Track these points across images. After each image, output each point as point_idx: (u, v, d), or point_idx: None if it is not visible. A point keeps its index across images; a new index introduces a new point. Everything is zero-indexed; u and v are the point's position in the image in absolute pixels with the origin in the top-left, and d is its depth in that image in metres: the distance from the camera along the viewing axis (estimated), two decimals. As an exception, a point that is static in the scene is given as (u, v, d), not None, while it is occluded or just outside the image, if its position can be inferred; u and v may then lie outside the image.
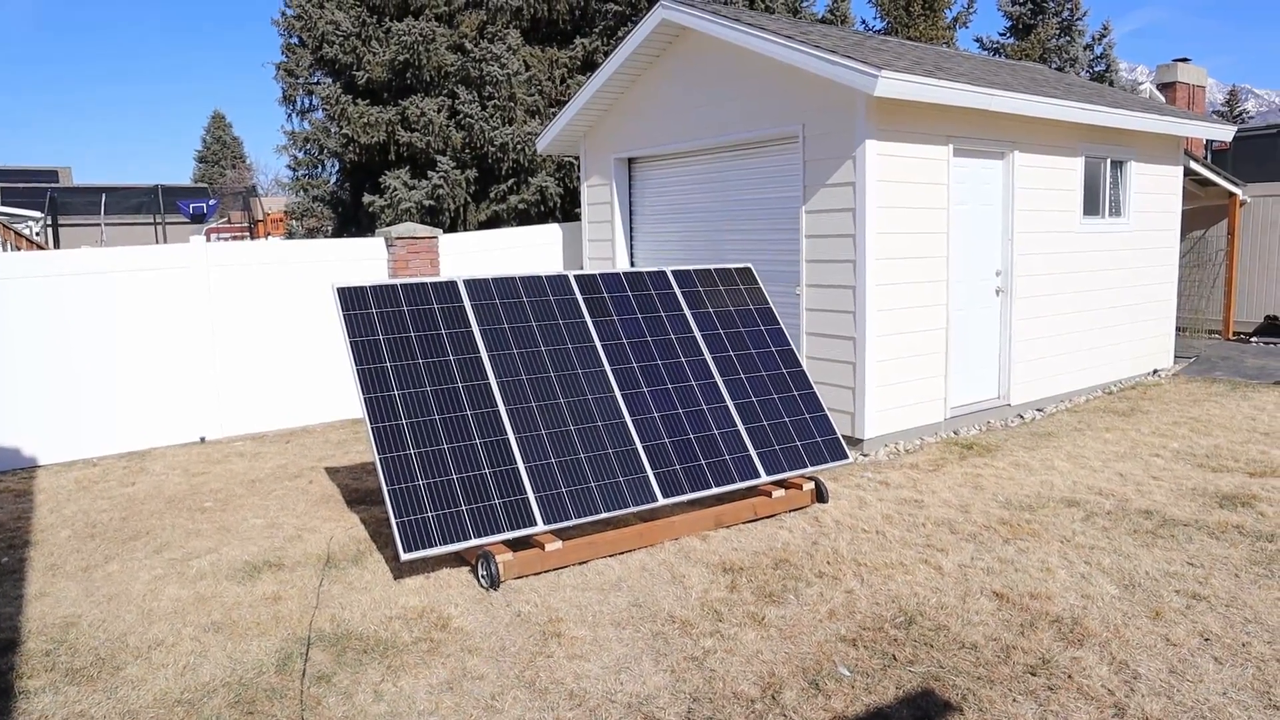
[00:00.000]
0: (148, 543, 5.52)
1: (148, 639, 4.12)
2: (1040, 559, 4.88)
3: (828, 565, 4.86)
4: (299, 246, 9.01)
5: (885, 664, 3.77)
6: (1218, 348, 11.86)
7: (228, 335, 8.47)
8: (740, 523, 5.57)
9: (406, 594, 4.57)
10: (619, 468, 5.19)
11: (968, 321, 8.00)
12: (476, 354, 5.27)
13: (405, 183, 14.12)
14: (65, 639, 4.15)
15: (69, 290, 7.72)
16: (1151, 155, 9.67)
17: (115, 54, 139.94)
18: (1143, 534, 5.24)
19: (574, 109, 9.78)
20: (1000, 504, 5.87)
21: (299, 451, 7.87)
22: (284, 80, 16.92)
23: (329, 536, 5.50)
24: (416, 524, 4.53)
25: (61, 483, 7.07)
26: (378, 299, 5.25)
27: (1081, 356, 9.14)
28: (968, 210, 7.85)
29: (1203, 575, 4.62)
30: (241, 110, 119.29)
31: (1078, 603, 4.32)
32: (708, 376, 5.90)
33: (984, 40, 20.73)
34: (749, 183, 8.31)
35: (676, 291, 6.26)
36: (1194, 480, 6.28)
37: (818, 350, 7.45)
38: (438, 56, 13.82)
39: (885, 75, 6.43)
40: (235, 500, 6.41)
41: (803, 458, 5.84)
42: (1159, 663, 3.73)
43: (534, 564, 4.76)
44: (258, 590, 4.69)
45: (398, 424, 4.82)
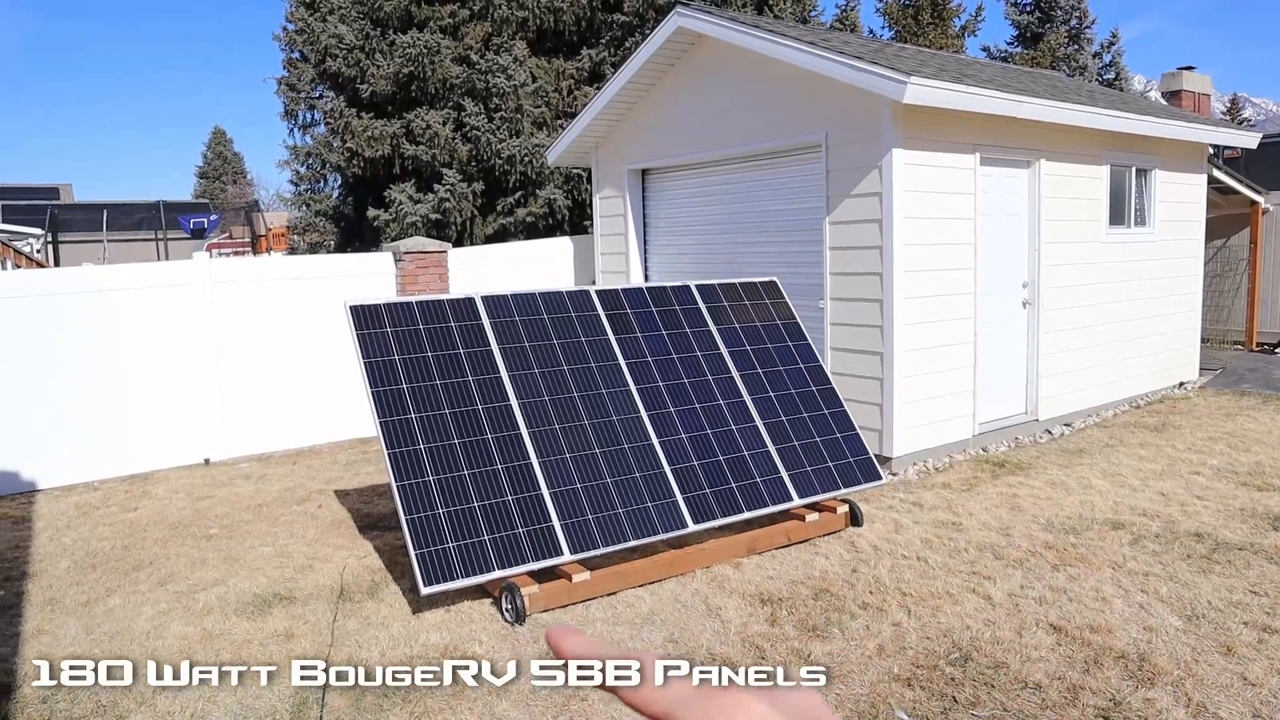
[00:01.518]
0: (151, 574, 5.26)
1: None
2: (1094, 587, 4.62)
3: (871, 595, 4.60)
4: (304, 262, 8.78)
5: (946, 706, 3.51)
6: (1243, 359, 11.62)
7: (232, 353, 8.23)
8: (773, 549, 5.31)
9: (427, 630, 4.31)
10: (647, 493, 4.94)
11: (995, 335, 7.75)
12: (497, 374, 5.03)
13: (411, 196, 13.91)
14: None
15: (70, 309, 7.48)
16: (1176, 163, 9.45)
17: (115, 70, 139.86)
18: (1197, 559, 4.99)
19: (585, 119, 9.57)
20: (1042, 526, 5.61)
21: (307, 473, 7.61)
22: (285, 95, 16.74)
23: (342, 566, 5.24)
24: (437, 555, 4.27)
25: (61, 508, 6.81)
26: (392, 317, 5.00)
27: (1108, 370, 8.90)
28: (994, 221, 7.62)
29: (1269, 605, 4.37)
30: (242, 126, 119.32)
31: (1141, 636, 4.07)
32: (736, 395, 5.66)
33: (991, 49, 20.57)
34: (768, 194, 8.09)
35: (701, 306, 6.02)
36: (1240, 500, 6.02)
37: (843, 366, 7.20)
38: (443, 69, 13.63)
39: (914, 81, 6.21)
40: (242, 526, 6.15)
41: (835, 479, 5.59)
42: (1240, 705, 3.47)
43: (561, 596, 4.50)
44: (268, 627, 4.43)
45: (415, 449, 4.57)
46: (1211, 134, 9.52)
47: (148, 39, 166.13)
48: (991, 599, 4.52)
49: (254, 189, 46.81)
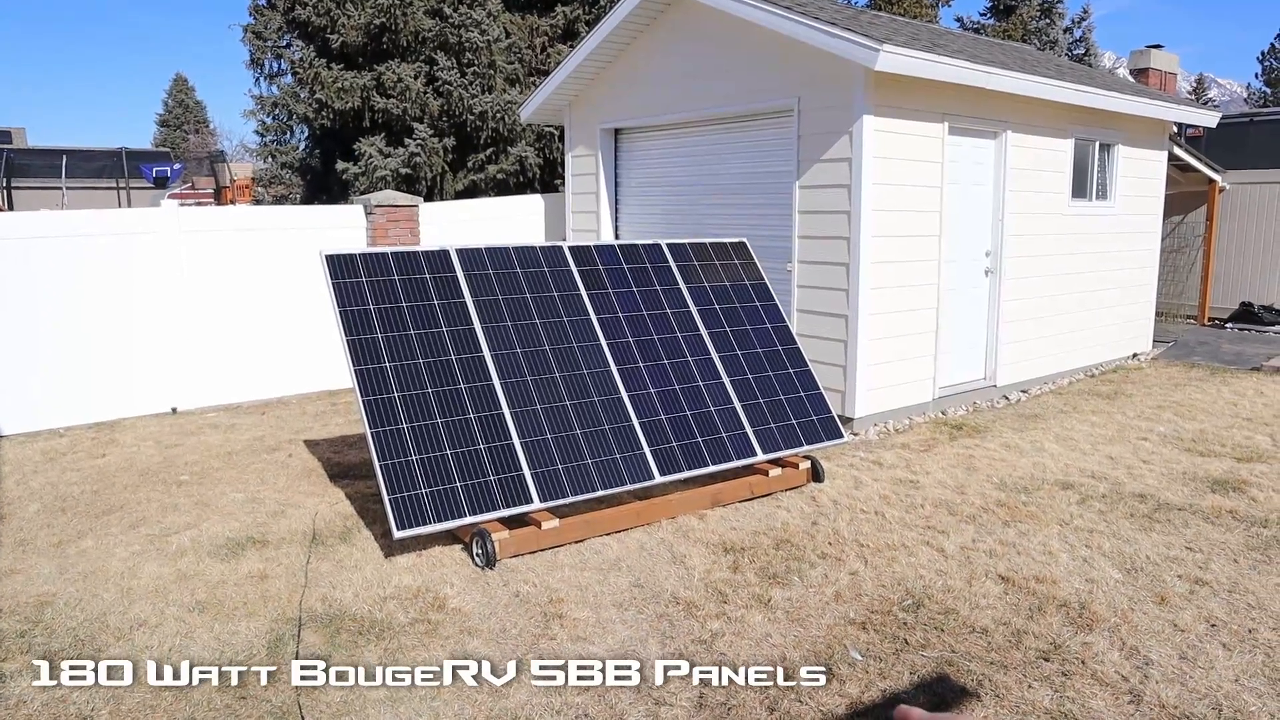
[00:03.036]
0: (122, 517, 5.30)
1: (129, 619, 3.94)
2: (1041, 542, 4.85)
3: (830, 546, 4.79)
4: (273, 212, 8.72)
5: (897, 648, 3.70)
6: (1194, 333, 11.98)
7: (200, 303, 8.19)
8: (737, 501, 5.47)
9: (399, 573, 4.42)
10: (615, 445, 5.06)
11: (957, 302, 7.95)
12: (470, 325, 5.10)
13: (381, 150, 13.78)
14: (40, 619, 3.95)
15: (34, 254, 7.39)
16: (1139, 139, 9.66)
17: (70, 13, 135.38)
18: (1139, 518, 5.23)
19: (560, 77, 9.55)
20: (995, 485, 5.83)
21: (276, 423, 7.64)
22: (252, 43, 16.38)
23: (314, 512, 5.32)
24: (410, 500, 4.37)
25: (27, 454, 6.79)
26: (368, 267, 5.05)
27: (1065, 339, 9.15)
28: (960, 190, 7.78)
29: (1203, 560, 4.61)
30: (205, 73, 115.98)
31: (1083, 587, 4.29)
32: (704, 352, 5.78)
33: (965, 20, 20.68)
34: (740, 156, 8.17)
35: (672, 265, 6.12)
36: (1183, 464, 6.29)
37: (809, 328, 7.36)
38: (415, 21, 13.45)
39: (887, 49, 6.31)
40: (212, 473, 6.19)
41: (799, 436, 5.76)
42: (1169, 649, 3.70)
43: (530, 542, 4.63)
44: (242, 568, 4.51)
45: (389, 397, 4.65)
46: (1173, 111, 9.73)
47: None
48: (944, 551, 4.72)
49: (217, 139, 45.80)
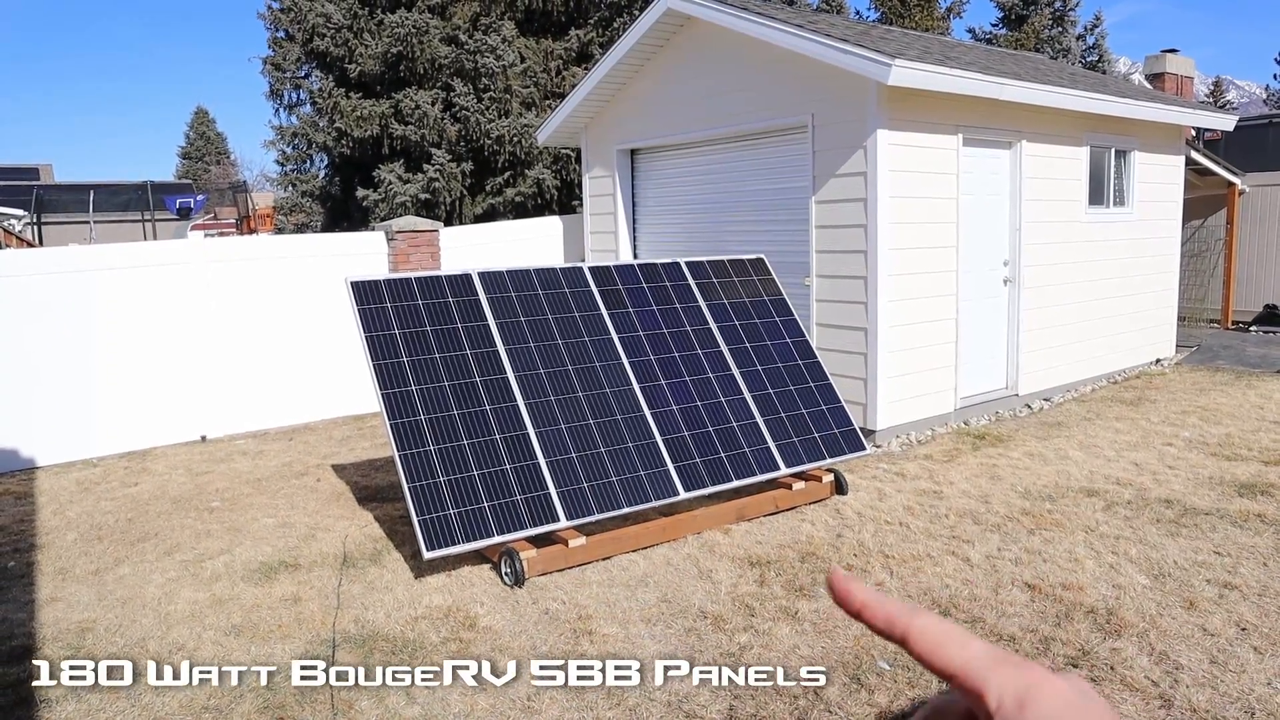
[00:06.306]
0: (157, 544, 5.41)
1: (168, 643, 4.02)
2: (1067, 549, 4.84)
3: (855, 558, 4.81)
4: (296, 241, 8.88)
5: (925, 658, 3.71)
6: (1218, 336, 11.89)
7: (227, 332, 8.34)
8: (761, 516, 5.51)
9: (430, 593, 4.49)
10: (639, 461, 5.12)
11: (976, 312, 7.96)
12: (494, 347, 5.18)
13: (400, 176, 13.98)
14: (82, 644, 4.05)
15: (67, 288, 7.57)
16: (1154, 145, 9.65)
17: (94, 50, 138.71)
18: (1166, 523, 5.21)
19: (575, 100, 9.68)
20: (1020, 494, 5.83)
21: (303, 449, 7.75)
22: (271, 74, 16.71)
23: (344, 535, 5.41)
24: (438, 521, 4.44)
25: (62, 484, 6.93)
26: (392, 292, 5.14)
27: (1087, 346, 9.13)
28: (976, 200, 7.81)
29: (1231, 564, 4.60)
30: (225, 106, 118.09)
31: (1110, 593, 4.29)
32: (724, 369, 5.83)
33: (976, 31, 20.72)
34: (756, 173, 8.24)
35: (691, 283, 6.19)
36: (1210, 469, 6.26)
37: (828, 341, 7.39)
38: (431, 48, 13.67)
39: (899, 64, 6.37)
40: (243, 499, 6.30)
41: (821, 450, 5.79)
42: (1199, 653, 3.69)
43: (558, 560, 4.68)
44: (276, 591, 4.59)
45: (416, 420, 4.73)
46: (1187, 116, 9.72)
47: (127, 18, 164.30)
48: (970, 560, 4.73)
49: (238, 169, 46.48)
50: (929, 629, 0.52)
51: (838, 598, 0.55)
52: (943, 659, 0.51)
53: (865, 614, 0.54)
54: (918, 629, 0.52)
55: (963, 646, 0.51)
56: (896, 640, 0.53)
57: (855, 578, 0.55)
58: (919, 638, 0.52)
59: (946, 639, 0.52)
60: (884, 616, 0.53)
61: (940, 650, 0.51)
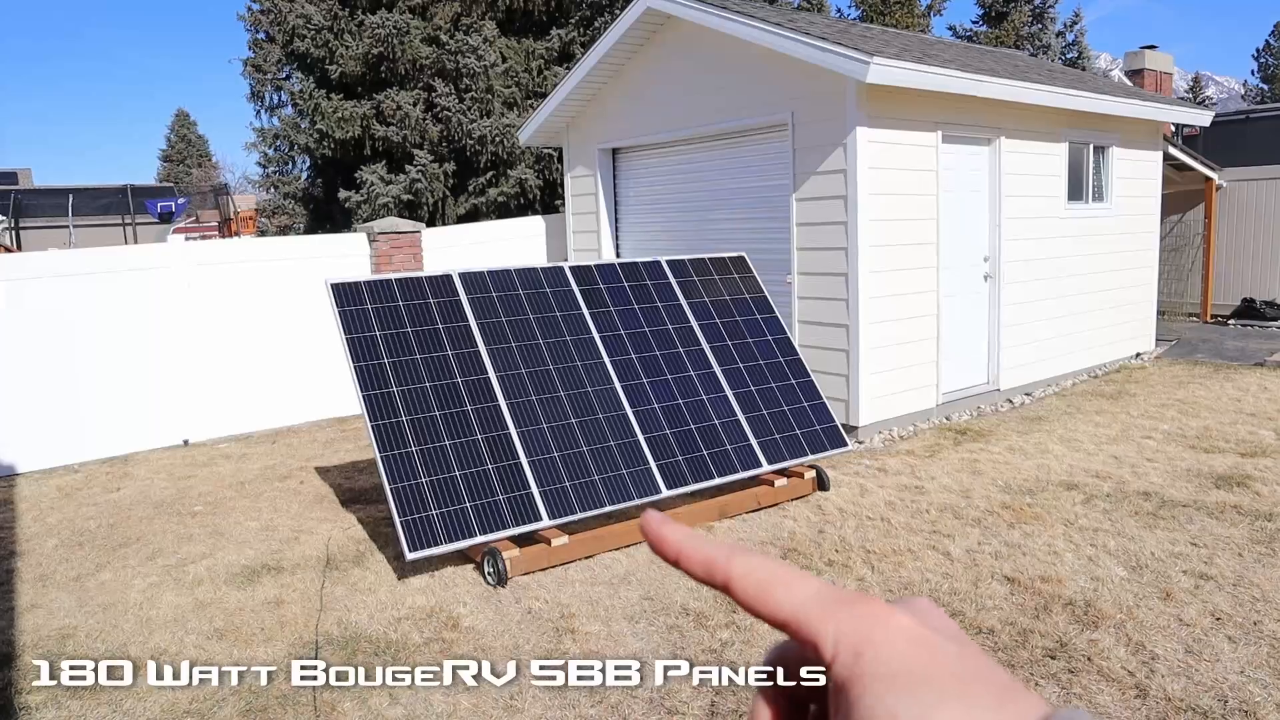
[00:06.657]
0: (139, 549, 5.38)
1: (149, 648, 4.01)
2: (1046, 542, 4.89)
3: (836, 553, 4.84)
4: (278, 244, 8.85)
5: (905, 652, 3.74)
6: (1197, 330, 12.01)
7: (209, 335, 8.30)
8: (744, 512, 5.53)
9: (413, 594, 4.49)
10: (622, 460, 5.13)
11: (957, 307, 8.01)
12: (475, 348, 5.19)
13: (382, 177, 13.94)
14: (63, 651, 4.03)
15: (46, 293, 7.51)
16: (1133, 140, 9.73)
17: (72, 54, 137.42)
18: (1144, 516, 5.27)
19: (557, 99, 9.68)
20: (1000, 488, 5.88)
21: (286, 452, 7.73)
22: (252, 76, 16.64)
23: (327, 538, 5.40)
24: (421, 522, 4.44)
25: (43, 490, 6.88)
26: (372, 294, 5.14)
27: (1067, 341, 9.20)
28: (956, 197, 7.86)
29: (1207, 555, 4.65)
30: (206, 108, 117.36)
31: (1088, 585, 4.33)
32: (706, 366, 5.85)
33: (957, 28, 20.83)
34: (737, 171, 8.27)
35: (672, 281, 6.20)
36: (1187, 461, 6.33)
37: (810, 338, 7.43)
38: (412, 49, 13.64)
39: (876, 62, 6.40)
40: (226, 503, 6.27)
41: (803, 446, 5.82)
42: (1174, 643, 3.74)
43: (541, 559, 4.69)
44: (258, 595, 4.58)
45: (398, 421, 4.73)
46: (1165, 112, 9.81)
47: (104, 21, 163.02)
48: (950, 555, 4.77)
49: (220, 172, 46.20)
50: (752, 571, 0.44)
51: (652, 544, 0.47)
52: (770, 605, 0.43)
53: (682, 562, 0.46)
54: (739, 572, 0.44)
55: (790, 589, 0.43)
56: (719, 587, 0.45)
57: (669, 519, 0.47)
58: (741, 582, 0.44)
59: (772, 582, 0.43)
60: (702, 561, 0.45)
61: (766, 595, 0.43)
